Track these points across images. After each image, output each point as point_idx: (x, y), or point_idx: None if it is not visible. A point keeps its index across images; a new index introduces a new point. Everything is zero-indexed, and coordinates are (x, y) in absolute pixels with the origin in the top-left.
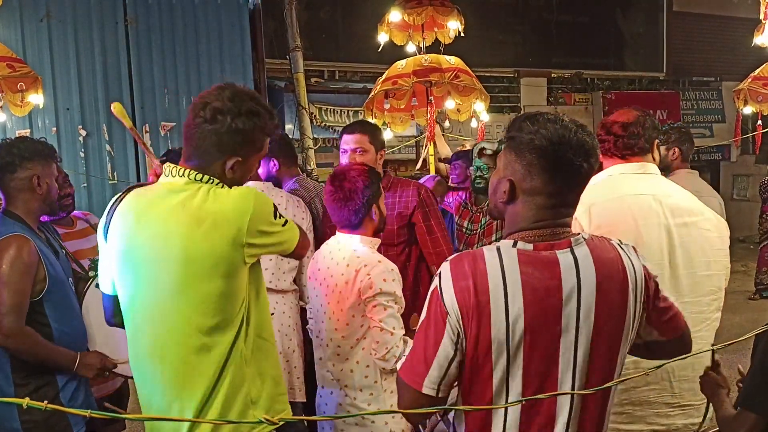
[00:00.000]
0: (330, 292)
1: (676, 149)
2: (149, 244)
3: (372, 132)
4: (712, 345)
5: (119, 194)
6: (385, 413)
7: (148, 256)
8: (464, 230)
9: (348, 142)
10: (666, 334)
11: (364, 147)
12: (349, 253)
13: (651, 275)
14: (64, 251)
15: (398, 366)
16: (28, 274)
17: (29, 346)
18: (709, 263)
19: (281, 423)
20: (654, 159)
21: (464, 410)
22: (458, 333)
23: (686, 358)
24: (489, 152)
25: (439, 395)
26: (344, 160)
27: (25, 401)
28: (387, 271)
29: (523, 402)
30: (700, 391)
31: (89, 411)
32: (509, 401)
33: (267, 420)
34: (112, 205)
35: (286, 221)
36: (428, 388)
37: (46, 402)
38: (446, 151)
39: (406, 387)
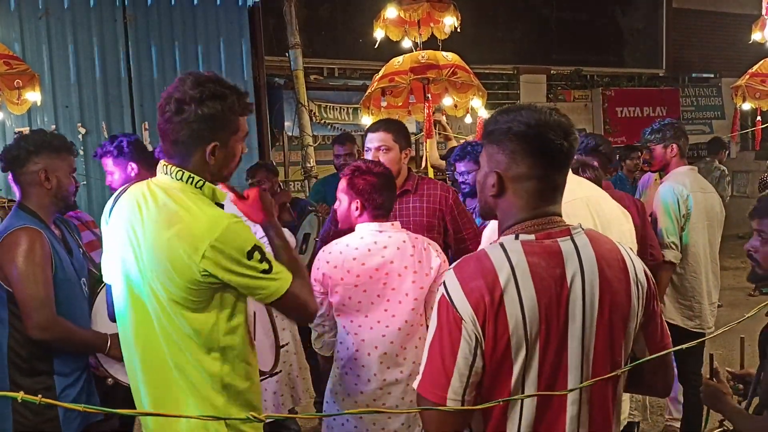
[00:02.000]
0: (398, 277)
1: (674, 146)
2: (127, 236)
3: (396, 130)
4: (706, 336)
5: (122, 189)
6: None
7: (127, 248)
8: None
9: (372, 140)
10: (652, 347)
11: (387, 145)
12: (404, 235)
13: (650, 275)
14: (81, 249)
15: (415, 385)
16: (48, 265)
17: (66, 335)
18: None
19: (268, 420)
20: None
21: (483, 411)
22: (476, 337)
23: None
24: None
25: (464, 407)
26: (368, 158)
27: (20, 395)
28: None
29: (537, 397)
30: (703, 401)
31: (82, 405)
32: (525, 399)
33: (254, 417)
34: (114, 198)
35: (271, 267)
36: (452, 400)
37: (40, 396)
38: (435, 154)
39: (428, 404)
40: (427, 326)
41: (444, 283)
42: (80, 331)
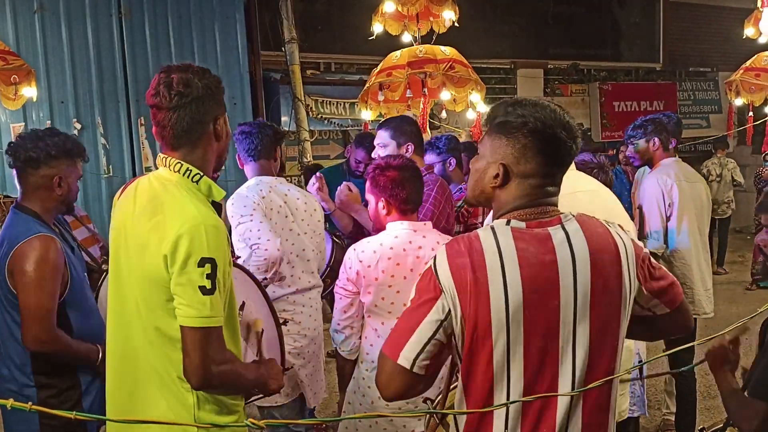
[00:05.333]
0: None
1: (656, 139)
2: (121, 227)
3: (394, 127)
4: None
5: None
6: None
7: (120, 239)
8: None
9: (376, 138)
10: (669, 304)
11: (384, 142)
12: (437, 235)
13: (640, 246)
14: (76, 243)
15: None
16: (58, 276)
17: (61, 349)
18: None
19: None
20: None
21: (466, 396)
22: (449, 311)
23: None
24: None
25: (413, 370)
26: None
27: (9, 402)
28: None
29: (525, 368)
30: (706, 358)
31: (74, 413)
32: (511, 381)
33: (253, 424)
34: (120, 190)
35: (211, 290)
36: (404, 358)
37: (30, 403)
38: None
39: (383, 357)
40: None
41: (434, 257)
42: (75, 345)
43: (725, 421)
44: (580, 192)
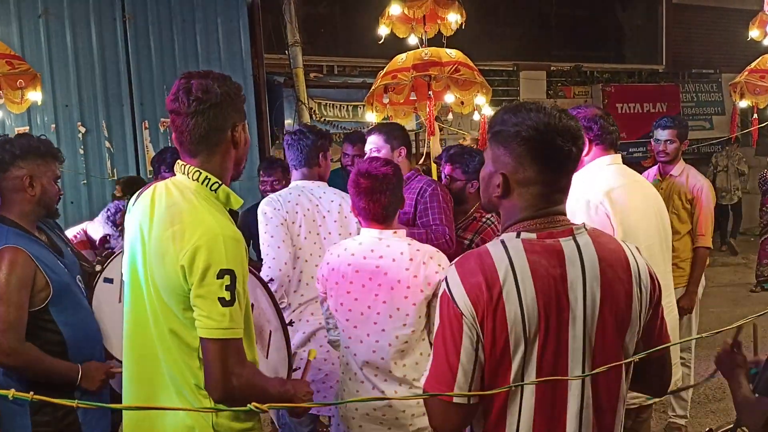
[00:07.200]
0: (390, 290)
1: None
2: (138, 233)
3: (387, 132)
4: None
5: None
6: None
7: (137, 245)
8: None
9: (368, 143)
10: (649, 345)
11: (377, 146)
12: (404, 245)
13: (656, 276)
14: (69, 248)
15: (422, 382)
16: (25, 288)
17: (29, 363)
18: (669, 237)
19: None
20: None
21: (484, 415)
22: (477, 333)
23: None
24: None
25: (471, 402)
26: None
27: (11, 392)
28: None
29: (536, 385)
30: (716, 364)
31: (76, 401)
32: (524, 396)
33: (256, 408)
34: (137, 194)
35: (231, 302)
36: (459, 397)
37: (32, 393)
38: (438, 150)
39: (435, 401)
40: (431, 342)
41: (446, 278)
42: (49, 362)
43: (735, 422)
44: (617, 188)
